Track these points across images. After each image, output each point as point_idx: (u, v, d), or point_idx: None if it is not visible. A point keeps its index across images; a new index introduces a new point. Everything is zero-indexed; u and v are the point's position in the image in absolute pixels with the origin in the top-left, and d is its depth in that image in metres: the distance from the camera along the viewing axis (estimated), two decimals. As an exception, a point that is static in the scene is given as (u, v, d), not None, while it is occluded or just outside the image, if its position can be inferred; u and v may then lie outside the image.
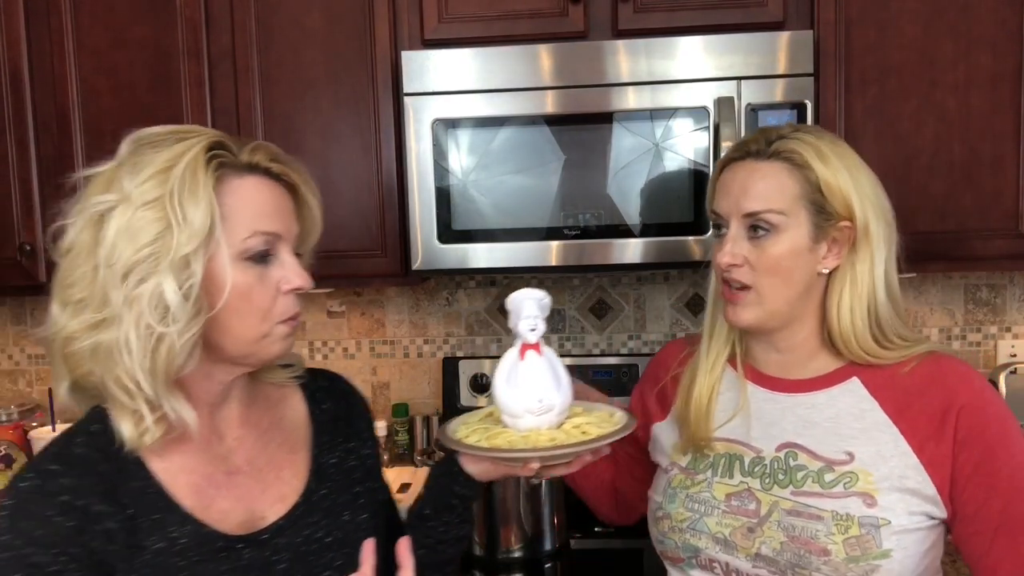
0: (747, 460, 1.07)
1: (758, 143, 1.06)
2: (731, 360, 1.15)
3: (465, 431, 0.97)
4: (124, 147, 0.87)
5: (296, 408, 1.05)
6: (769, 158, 1.04)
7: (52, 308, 0.86)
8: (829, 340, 1.08)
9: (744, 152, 1.07)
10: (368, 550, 0.80)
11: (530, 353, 0.93)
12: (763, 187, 1.03)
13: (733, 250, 1.04)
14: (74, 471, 0.86)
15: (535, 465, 0.91)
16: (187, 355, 0.84)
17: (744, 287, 1.05)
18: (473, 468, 0.98)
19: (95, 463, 0.87)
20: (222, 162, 0.86)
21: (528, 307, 0.93)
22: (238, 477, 0.94)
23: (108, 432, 0.88)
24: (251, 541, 0.91)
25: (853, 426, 1.03)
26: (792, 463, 1.04)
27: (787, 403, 1.09)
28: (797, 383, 1.09)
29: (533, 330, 0.93)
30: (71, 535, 0.82)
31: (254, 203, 0.87)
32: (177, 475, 0.90)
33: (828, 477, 1.01)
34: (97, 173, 0.87)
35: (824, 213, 1.04)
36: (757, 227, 1.03)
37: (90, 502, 0.84)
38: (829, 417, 1.05)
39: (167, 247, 0.81)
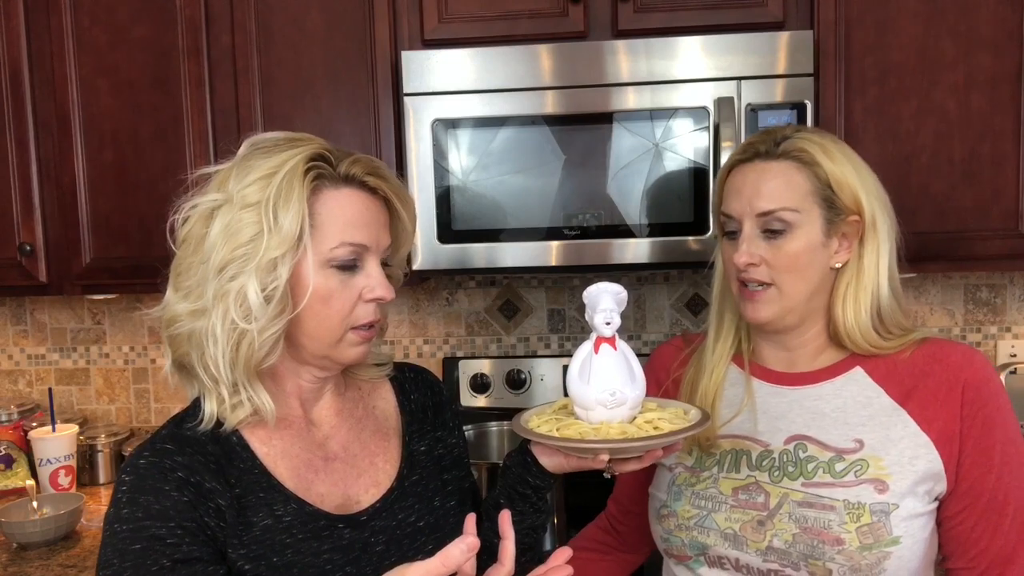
0: (754, 454, 1.08)
1: (765, 143, 1.07)
2: (735, 358, 1.16)
3: (537, 421, 0.97)
4: (241, 149, 0.94)
5: (386, 399, 1.10)
6: (778, 158, 1.06)
7: (167, 291, 0.93)
8: (835, 334, 1.09)
9: (752, 153, 1.08)
10: (470, 523, 0.82)
11: (604, 346, 0.92)
12: (775, 186, 1.05)
13: (750, 250, 1.05)
14: (186, 450, 0.90)
15: (605, 457, 0.91)
16: (268, 350, 0.90)
17: (764, 284, 1.06)
18: (546, 460, 0.98)
19: (204, 444, 0.92)
20: (319, 173, 0.91)
21: (604, 300, 0.92)
22: (335, 463, 0.99)
23: (215, 417, 0.94)
24: (351, 521, 0.96)
25: (860, 414, 1.05)
26: (802, 455, 1.05)
27: (793, 396, 1.10)
28: (802, 376, 1.11)
29: (608, 323, 0.92)
30: (186, 509, 0.86)
31: (345, 214, 0.91)
32: (278, 459, 0.95)
33: (839, 466, 1.02)
34: (216, 171, 0.94)
35: (835, 208, 1.06)
36: (772, 226, 1.05)
37: (203, 479, 0.89)
38: (836, 407, 1.07)
39: (257, 249, 0.87)
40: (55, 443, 1.91)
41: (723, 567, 1.06)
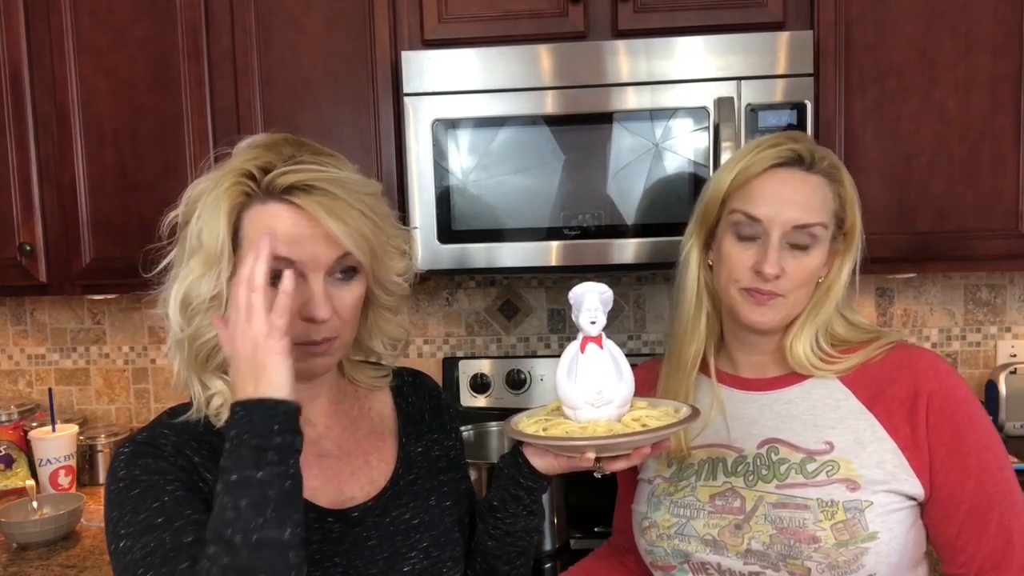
0: (730, 461, 1.09)
1: (808, 153, 1.06)
2: (703, 368, 1.16)
3: (528, 422, 0.98)
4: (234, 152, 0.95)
5: (383, 401, 1.10)
6: (818, 172, 1.06)
7: None
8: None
9: (791, 159, 1.06)
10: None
11: (591, 346, 0.93)
12: (816, 200, 1.05)
13: (780, 260, 1.03)
14: (181, 435, 0.94)
15: (591, 455, 0.92)
16: (210, 353, 0.92)
17: (774, 295, 1.05)
18: (537, 461, 0.98)
19: (199, 433, 0.94)
20: (244, 191, 0.90)
21: (589, 300, 0.93)
22: (328, 460, 1.00)
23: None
24: (342, 516, 0.97)
25: (830, 416, 1.06)
26: (774, 457, 1.06)
27: (764, 401, 1.11)
28: (772, 381, 1.12)
29: (594, 323, 0.92)
30: (180, 472, 0.90)
31: (267, 229, 0.88)
32: None
33: (810, 467, 1.03)
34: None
35: (841, 227, 1.09)
36: (799, 239, 1.04)
37: (193, 455, 0.92)
38: (806, 410, 1.08)
39: (187, 266, 0.90)
40: (55, 443, 1.90)
41: (707, 573, 1.07)
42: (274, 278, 0.86)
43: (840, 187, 1.08)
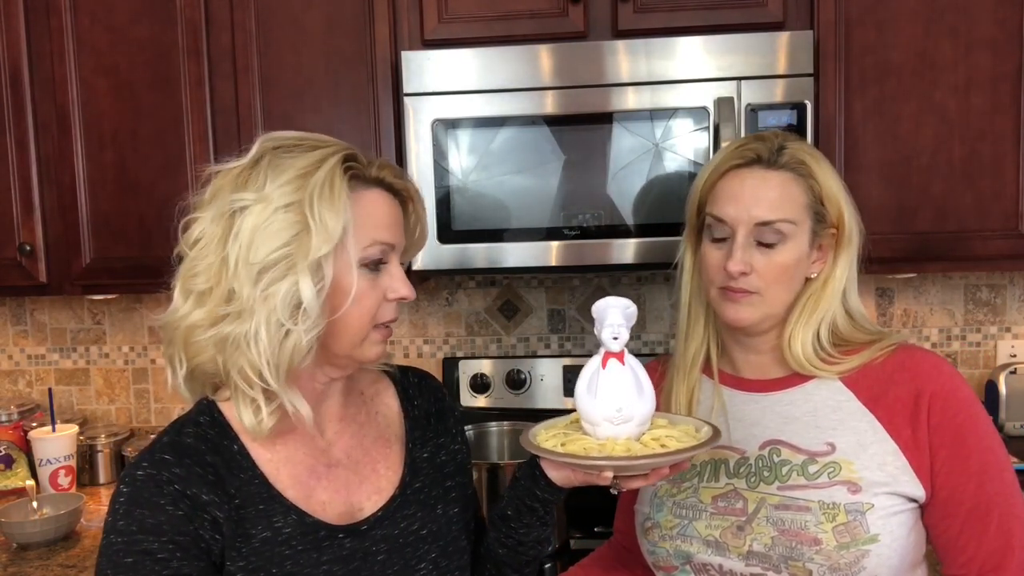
0: (732, 462, 1.09)
1: (766, 151, 1.07)
2: (706, 370, 1.16)
3: (546, 435, 0.97)
4: (257, 148, 0.91)
5: (389, 404, 1.09)
6: (778, 168, 1.06)
7: (175, 296, 0.90)
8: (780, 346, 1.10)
9: (750, 159, 1.07)
10: None
11: (612, 361, 0.91)
12: (776, 196, 1.04)
13: (744, 258, 1.04)
14: (184, 461, 0.89)
15: (608, 474, 0.91)
16: (307, 352, 0.88)
17: (747, 292, 1.06)
18: (554, 473, 0.97)
19: (203, 454, 0.91)
20: (355, 173, 0.91)
21: (612, 315, 0.91)
22: (337, 469, 0.99)
23: (216, 424, 0.94)
24: (352, 531, 0.95)
25: (831, 417, 1.06)
26: (776, 459, 1.06)
27: (766, 402, 1.11)
28: (774, 382, 1.12)
29: (616, 338, 0.91)
30: (180, 523, 0.86)
31: (376, 214, 0.92)
32: (280, 466, 0.94)
33: (812, 469, 1.03)
34: (226, 170, 0.91)
35: (823, 222, 1.07)
36: (766, 236, 1.05)
37: (199, 491, 0.88)
38: (807, 411, 1.07)
39: (304, 248, 0.85)
40: (55, 443, 1.90)
41: (708, 574, 1.07)
42: (376, 265, 0.91)
43: (811, 181, 1.06)
